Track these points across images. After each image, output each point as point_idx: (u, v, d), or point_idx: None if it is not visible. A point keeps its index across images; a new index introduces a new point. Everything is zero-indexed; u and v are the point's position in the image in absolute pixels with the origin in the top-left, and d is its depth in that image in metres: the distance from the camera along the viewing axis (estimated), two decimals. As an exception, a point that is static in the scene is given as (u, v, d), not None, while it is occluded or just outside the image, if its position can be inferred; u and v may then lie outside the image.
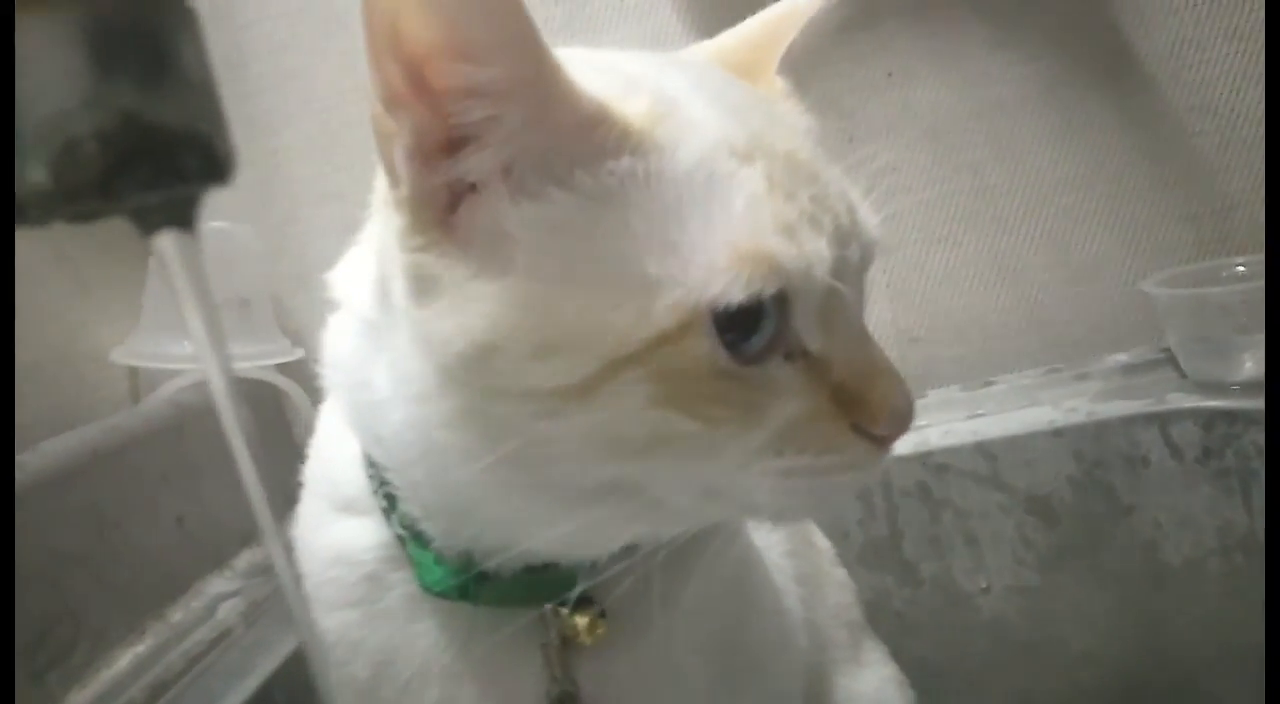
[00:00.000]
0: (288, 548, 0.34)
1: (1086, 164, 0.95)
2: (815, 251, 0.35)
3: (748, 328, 0.35)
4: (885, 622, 0.72)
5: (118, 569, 0.77)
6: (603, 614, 0.43)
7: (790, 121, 0.42)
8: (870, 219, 0.40)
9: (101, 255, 0.96)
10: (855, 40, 0.94)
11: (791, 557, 0.58)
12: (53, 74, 0.24)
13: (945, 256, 0.97)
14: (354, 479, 0.45)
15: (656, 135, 0.35)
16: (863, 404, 0.36)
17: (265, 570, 0.86)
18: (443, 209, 0.35)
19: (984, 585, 0.82)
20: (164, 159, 0.25)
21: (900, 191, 0.96)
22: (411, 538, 0.43)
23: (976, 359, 0.96)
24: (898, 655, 0.68)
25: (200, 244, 0.29)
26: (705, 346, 0.34)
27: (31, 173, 0.24)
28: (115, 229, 0.27)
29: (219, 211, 0.62)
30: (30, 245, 0.90)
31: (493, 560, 0.41)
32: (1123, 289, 0.92)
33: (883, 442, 0.37)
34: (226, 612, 0.80)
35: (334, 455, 0.47)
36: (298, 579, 0.34)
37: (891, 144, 0.96)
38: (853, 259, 0.37)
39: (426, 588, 0.43)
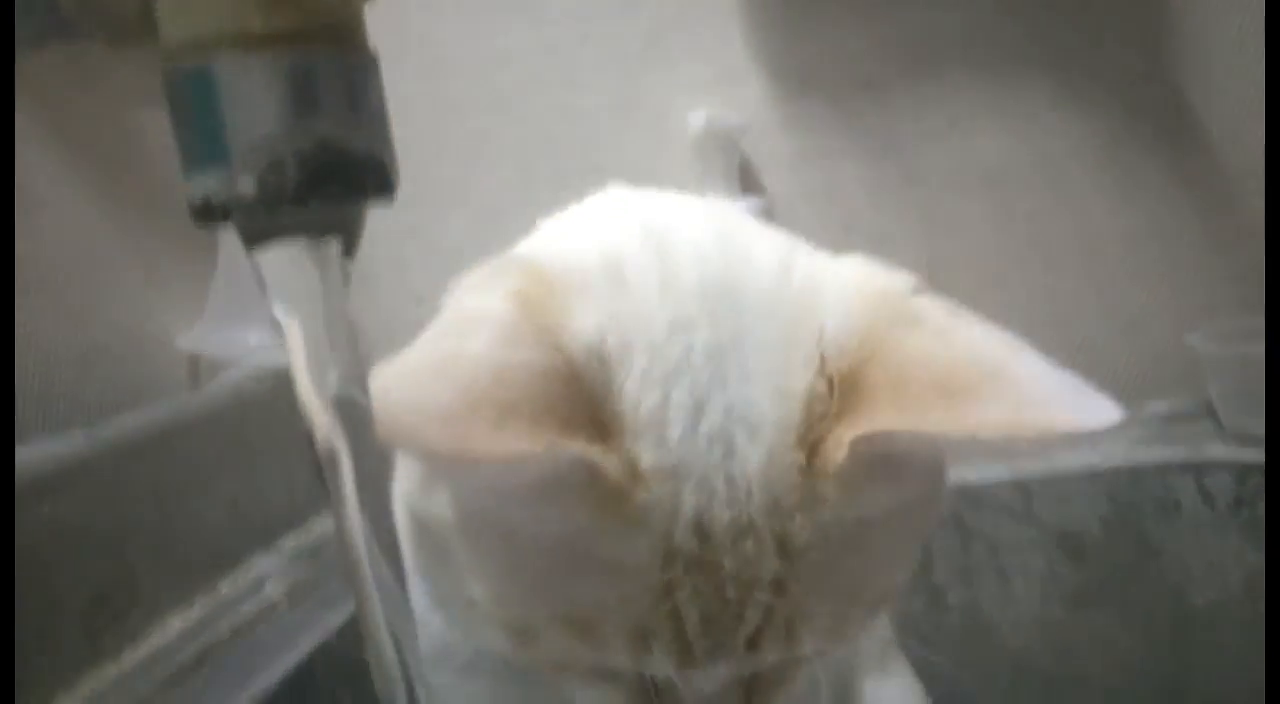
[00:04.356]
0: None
1: (1141, 219, 1.04)
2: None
3: None
4: (911, 645, 0.79)
5: (173, 543, 0.87)
6: None
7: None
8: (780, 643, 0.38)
9: (172, 247, 1.07)
10: (920, 88, 1.05)
11: None
12: (265, 105, 0.31)
13: (996, 297, 1.05)
14: None
15: None
16: None
17: (310, 552, 0.96)
18: None
19: (1011, 617, 0.90)
20: (349, 178, 0.33)
21: (956, 232, 1.05)
22: None
23: (1019, 398, 1.04)
24: (921, 677, 0.76)
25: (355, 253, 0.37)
26: None
27: (242, 185, 0.32)
28: (186, 223, 0.35)
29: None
30: (108, 235, 1.02)
31: None
32: (1168, 341, 1.00)
33: None
34: (273, 589, 0.89)
35: None
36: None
37: (950, 188, 1.06)
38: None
39: None
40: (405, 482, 0.42)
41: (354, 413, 0.36)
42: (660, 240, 0.41)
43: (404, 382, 0.34)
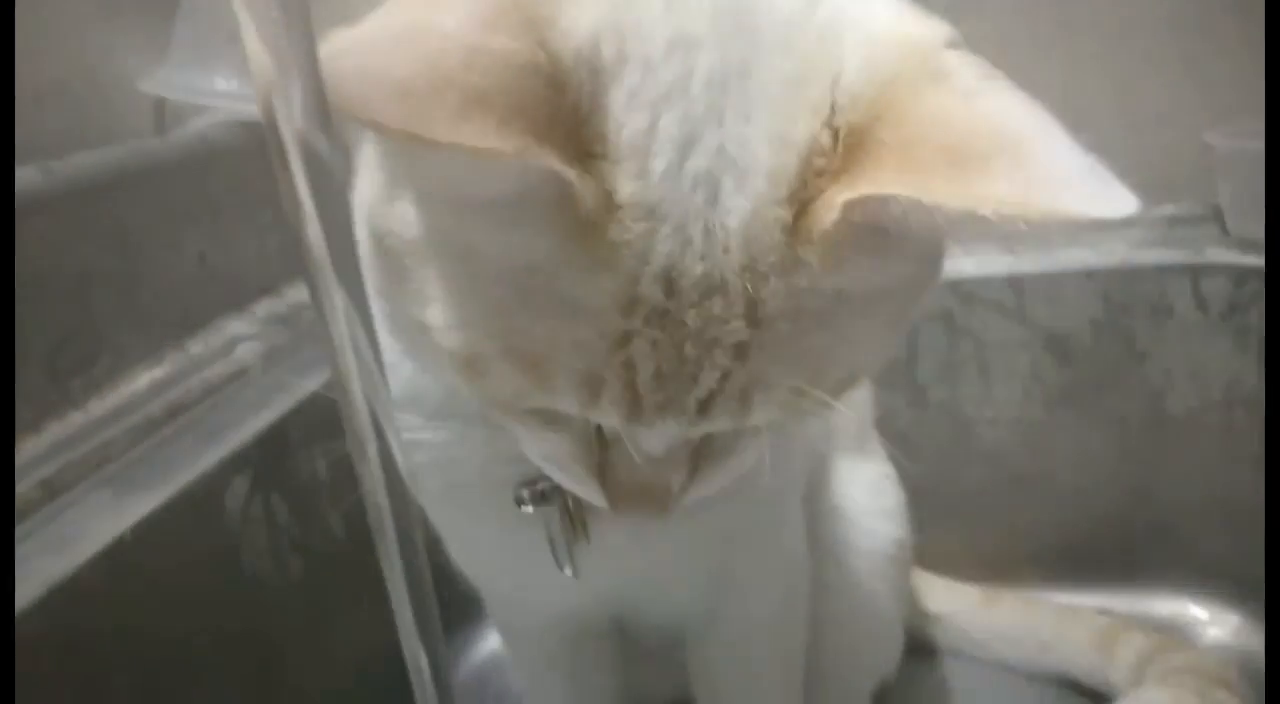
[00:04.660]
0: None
1: (1171, 10, 0.98)
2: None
3: None
4: (889, 439, 0.80)
5: (139, 293, 0.84)
6: None
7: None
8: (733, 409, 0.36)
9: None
10: None
11: None
12: None
13: (1013, 81, 1.00)
14: None
15: None
16: (605, 480, 0.39)
17: (284, 319, 0.94)
18: None
19: (990, 415, 0.90)
20: None
21: (980, 11, 0.99)
22: None
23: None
24: (896, 470, 0.76)
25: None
26: None
27: None
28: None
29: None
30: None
31: None
32: (1184, 141, 0.97)
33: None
34: (245, 352, 0.88)
35: None
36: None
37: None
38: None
39: None
40: (366, 192, 0.38)
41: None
42: None
43: (360, 47, 0.29)
